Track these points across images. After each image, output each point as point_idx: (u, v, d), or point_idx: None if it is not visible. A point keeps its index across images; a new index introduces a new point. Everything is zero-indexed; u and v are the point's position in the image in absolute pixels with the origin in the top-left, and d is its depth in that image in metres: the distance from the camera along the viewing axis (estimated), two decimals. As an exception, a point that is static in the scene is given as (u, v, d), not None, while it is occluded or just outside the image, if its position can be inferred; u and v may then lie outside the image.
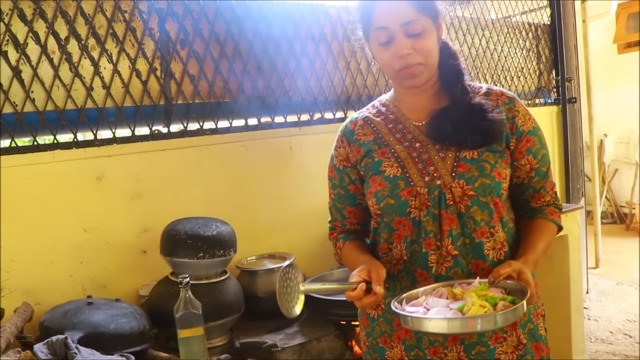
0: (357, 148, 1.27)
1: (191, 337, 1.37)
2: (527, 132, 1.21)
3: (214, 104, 2.02)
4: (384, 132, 1.25)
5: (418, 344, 1.20)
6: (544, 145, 1.24)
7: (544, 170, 1.24)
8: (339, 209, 1.33)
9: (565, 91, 3.43)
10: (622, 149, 5.95)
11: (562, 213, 1.31)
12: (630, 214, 5.82)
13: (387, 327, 1.25)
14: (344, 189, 1.31)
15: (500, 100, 1.21)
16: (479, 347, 1.16)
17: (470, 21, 2.95)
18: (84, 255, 1.74)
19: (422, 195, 1.16)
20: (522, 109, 1.22)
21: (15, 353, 1.26)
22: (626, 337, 3.25)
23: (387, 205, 1.19)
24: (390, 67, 1.18)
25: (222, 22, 2.02)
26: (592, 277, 4.21)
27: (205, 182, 1.97)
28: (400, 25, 1.12)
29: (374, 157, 1.23)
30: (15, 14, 1.63)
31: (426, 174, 1.17)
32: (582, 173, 3.66)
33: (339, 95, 2.34)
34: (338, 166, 1.31)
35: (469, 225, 1.16)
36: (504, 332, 1.17)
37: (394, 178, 1.19)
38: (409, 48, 1.13)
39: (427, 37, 1.14)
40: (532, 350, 1.20)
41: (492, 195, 1.15)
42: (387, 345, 1.25)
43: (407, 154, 1.20)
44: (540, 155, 1.23)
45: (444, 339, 1.17)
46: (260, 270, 1.85)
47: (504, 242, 1.19)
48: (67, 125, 1.73)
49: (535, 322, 1.22)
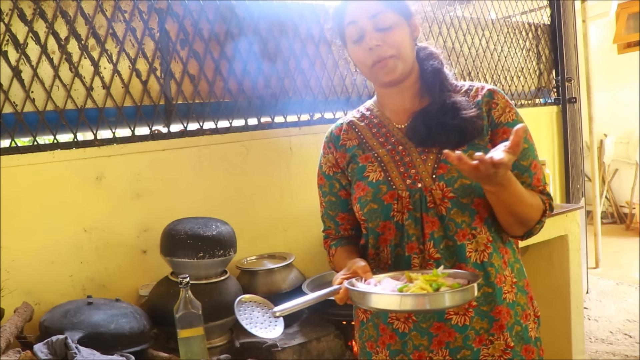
0: (343, 153, 1.27)
1: (191, 337, 1.37)
2: (504, 124, 1.17)
3: (214, 104, 2.02)
4: (368, 137, 1.26)
5: (403, 349, 1.19)
6: (526, 139, 1.16)
7: (525, 165, 1.17)
8: (332, 216, 1.32)
9: (565, 91, 3.43)
10: (622, 149, 5.96)
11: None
12: (630, 214, 5.83)
13: (374, 332, 1.25)
14: (335, 196, 1.30)
15: (480, 94, 1.19)
16: (464, 351, 1.16)
17: (470, 21, 2.95)
18: (84, 255, 1.74)
19: (404, 199, 1.16)
20: (501, 101, 1.19)
21: (15, 353, 1.26)
22: (626, 337, 3.25)
23: (370, 211, 1.19)
24: (364, 63, 1.18)
25: (222, 22, 2.02)
26: (592, 277, 4.21)
27: (205, 182, 1.97)
28: (368, 18, 1.14)
29: (358, 162, 1.23)
30: (15, 14, 1.63)
31: (408, 177, 1.17)
32: (582, 173, 3.66)
33: (339, 95, 2.34)
34: (327, 173, 1.31)
35: (450, 228, 1.15)
36: (491, 334, 1.16)
37: (377, 182, 1.19)
38: (378, 40, 1.14)
39: (396, 31, 1.15)
40: (521, 353, 1.18)
41: (472, 196, 1.14)
42: (372, 350, 1.25)
43: (390, 157, 1.20)
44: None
45: (429, 342, 1.16)
46: (260, 270, 1.85)
47: (487, 244, 1.16)
48: (67, 125, 1.73)
49: (523, 324, 1.20)
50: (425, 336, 1.17)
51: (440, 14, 2.82)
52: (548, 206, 1.17)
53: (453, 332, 1.15)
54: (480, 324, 1.16)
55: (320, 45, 2.26)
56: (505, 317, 1.17)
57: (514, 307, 1.19)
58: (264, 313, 1.11)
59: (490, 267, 1.16)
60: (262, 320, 1.09)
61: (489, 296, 1.16)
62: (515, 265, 1.24)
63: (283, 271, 1.87)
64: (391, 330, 1.21)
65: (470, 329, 1.15)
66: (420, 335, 1.17)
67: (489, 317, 1.16)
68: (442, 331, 1.16)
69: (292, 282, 1.86)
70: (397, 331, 1.20)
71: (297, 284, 1.86)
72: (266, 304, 1.12)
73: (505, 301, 1.17)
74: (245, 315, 1.08)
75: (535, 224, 1.15)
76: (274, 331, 1.08)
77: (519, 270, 1.24)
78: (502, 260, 1.19)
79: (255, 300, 1.13)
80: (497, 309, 1.16)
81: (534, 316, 1.25)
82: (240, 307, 1.09)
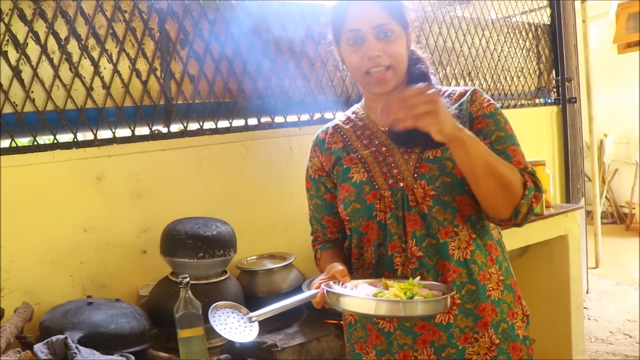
0: (329, 156, 1.29)
1: (191, 337, 1.37)
2: (480, 116, 1.18)
3: (214, 104, 2.02)
4: (353, 139, 1.28)
5: (389, 349, 1.21)
6: (502, 129, 1.17)
7: (499, 149, 1.14)
8: (318, 219, 1.36)
9: (565, 91, 3.43)
10: (622, 149, 5.96)
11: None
12: (630, 214, 5.82)
13: (362, 332, 1.26)
14: (320, 199, 1.33)
15: (463, 97, 1.21)
16: (448, 349, 1.17)
17: (470, 21, 2.95)
18: (84, 255, 1.74)
19: (386, 198, 1.18)
20: (479, 98, 1.20)
21: (15, 353, 1.26)
22: (626, 337, 3.25)
23: (353, 210, 1.21)
24: (359, 69, 1.18)
25: (222, 22, 2.02)
26: (592, 277, 4.21)
27: (205, 182, 1.97)
28: (371, 28, 1.15)
29: (342, 164, 1.25)
30: (15, 14, 1.63)
31: (390, 176, 1.19)
32: (582, 173, 3.66)
33: (339, 95, 2.34)
34: (313, 176, 1.34)
35: (433, 226, 1.16)
36: (475, 332, 1.17)
37: (360, 183, 1.20)
38: (379, 50, 1.14)
39: (397, 42, 1.16)
40: (508, 351, 1.19)
41: (454, 193, 1.15)
42: (362, 350, 1.27)
43: (374, 158, 1.22)
44: (494, 136, 1.16)
45: (413, 341, 1.17)
46: (260, 270, 1.85)
47: (470, 241, 1.17)
48: (67, 125, 1.73)
49: (510, 322, 1.21)
50: (410, 335, 1.18)
51: (440, 14, 2.82)
52: (533, 184, 1.10)
53: (437, 331, 1.17)
54: (464, 322, 1.17)
55: (320, 45, 2.26)
56: (490, 314, 1.18)
57: (500, 305, 1.20)
58: (240, 318, 1.14)
59: (473, 265, 1.17)
60: (237, 325, 1.13)
61: (472, 294, 1.17)
62: (504, 263, 1.25)
63: (283, 271, 1.87)
64: (377, 330, 1.22)
65: (455, 327, 1.17)
66: (405, 334, 1.18)
67: (473, 315, 1.17)
68: (427, 330, 1.17)
69: (292, 282, 1.86)
70: (383, 331, 1.21)
71: (297, 284, 1.86)
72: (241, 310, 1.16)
73: (490, 298, 1.18)
74: (220, 321, 1.12)
75: (520, 199, 1.08)
76: (249, 335, 1.12)
77: (506, 268, 1.25)
78: (489, 258, 1.20)
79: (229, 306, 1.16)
80: (481, 306, 1.17)
81: (522, 315, 1.25)
82: (214, 313, 1.13)
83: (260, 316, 1.12)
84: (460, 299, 1.16)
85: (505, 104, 3.14)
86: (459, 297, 1.16)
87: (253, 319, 1.12)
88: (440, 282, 1.15)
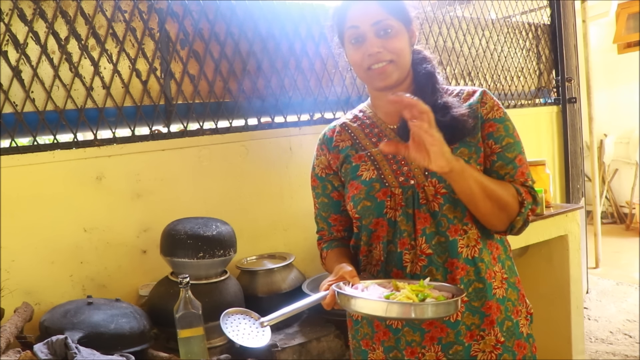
0: (337, 154, 1.29)
1: (191, 337, 1.37)
2: (490, 119, 1.19)
3: (214, 104, 2.03)
4: (361, 137, 1.28)
5: (396, 345, 1.21)
6: (512, 135, 1.20)
7: (509, 157, 1.18)
8: (324, 217, 1.35)
9: (565, 91, 3.43)
10: (622, 149, 5.95)
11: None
12: (630, 214, 5.83)
13: (368, 329, 1.27)
14: (327, 197, 1.32)
15: (472, 97, 1.22)
16: (456, 346, 1.18)
17: (470, 21, 2.95)
18: (84, 255, 1.74)
19: (397, 196, 1.18)
20: (490, 100, 1.21)
21: (15, 353, 1.26)
22: (626, 337, 3.25)
23: (363, 208, 1.21)
24: (361, 66, 1.19)
25: (222, 22, 2.02)
26: (592, 277, 4.21)
27: (205, 182, 1.97)
28: (370, 25, 1.16)
29: (351, 162, 1.25)
30: (15, 14, 1.63)
31: (400, 174, 1.19)
32: (582, 173, 3.66)
33: (339, 95, 2.34)
34: (320, 174, 1.33)
35: (443, 224, 1.17)
36: (482, 330, 1.18)
37: (370, 180, 1.21)
38: (379, 47, 1.15)
39: (397, 38, 1.17)
40: (513, 349, 1.20)
41: None
42: (369, 347, 1.27)
43: (383, 156, 1.22)
44: (504, 142, 1.19)
45: (421, 338, 1.18)
46: (260, 270, 1.85)
47: (477, 239, 1.18)
48: (67, 125, 1.73)
49: (514, 320, 1.22)
50: (418, 332, 1.19)
51: (440, 14, 2.82)
52: (532, 199, 1.16)
53: (445, 328, 1.17)
54: (471, 319, 1.18)
55: (320, 45, 2.26)
56: (495, 312, 1.19)
57: (505, 303, 1.21)
58: (252, 324, 1.14)
59: (481, 263, 1.18)
60: (249, 331, 1.13)
61: (479, 292, 1.18)
62: (507, 262, 1.26)
63: (283, 271, 1.87)
64: (384, 327, 1.23)
65: (462, 325, 1.17)
66: (413, 331, 1.19)
67: (480, 313, 1.18)
68: (434, 327, 1.18)
69: (292, 282, 1.86)
70: (390, 327, 1.22)
71: (297, 284, 1.86)
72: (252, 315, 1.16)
73: (495, 296, 1.19)
74: (231, 328, 1.12)
75: (516, 216, 1.15)
76: (262, 340, 1.12)
77: (510, 267, 1.26)
78: (492, 256, 1.21)
79: (240, 312, 1.16)
80: (487, 304, 1.18)
81: (525, 313, 1.26)
82: (226, 320, 1.13)
83: (271, 321, 1.12)
84: (468, 296, 1.17)
85: (506, 104, 3.14)
86: (466, 294, 1.17)
87: (265, 324, 1.12)
88: (448, 280, 1.16)
